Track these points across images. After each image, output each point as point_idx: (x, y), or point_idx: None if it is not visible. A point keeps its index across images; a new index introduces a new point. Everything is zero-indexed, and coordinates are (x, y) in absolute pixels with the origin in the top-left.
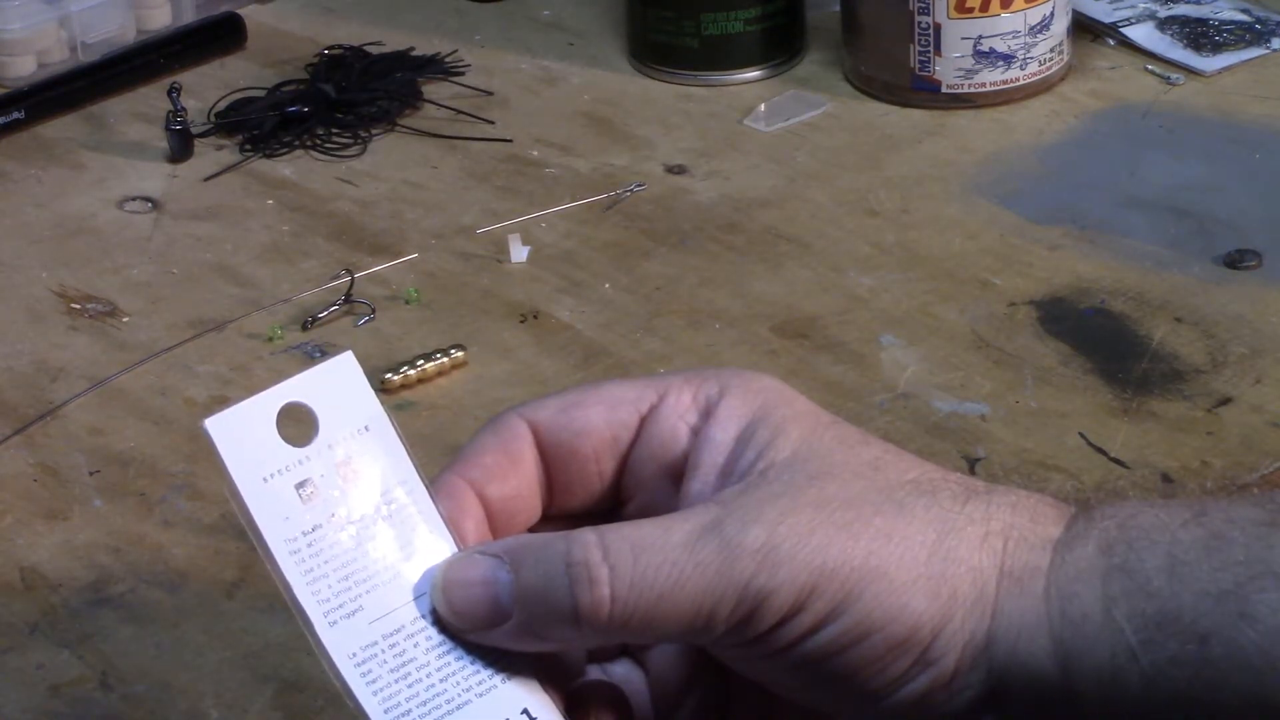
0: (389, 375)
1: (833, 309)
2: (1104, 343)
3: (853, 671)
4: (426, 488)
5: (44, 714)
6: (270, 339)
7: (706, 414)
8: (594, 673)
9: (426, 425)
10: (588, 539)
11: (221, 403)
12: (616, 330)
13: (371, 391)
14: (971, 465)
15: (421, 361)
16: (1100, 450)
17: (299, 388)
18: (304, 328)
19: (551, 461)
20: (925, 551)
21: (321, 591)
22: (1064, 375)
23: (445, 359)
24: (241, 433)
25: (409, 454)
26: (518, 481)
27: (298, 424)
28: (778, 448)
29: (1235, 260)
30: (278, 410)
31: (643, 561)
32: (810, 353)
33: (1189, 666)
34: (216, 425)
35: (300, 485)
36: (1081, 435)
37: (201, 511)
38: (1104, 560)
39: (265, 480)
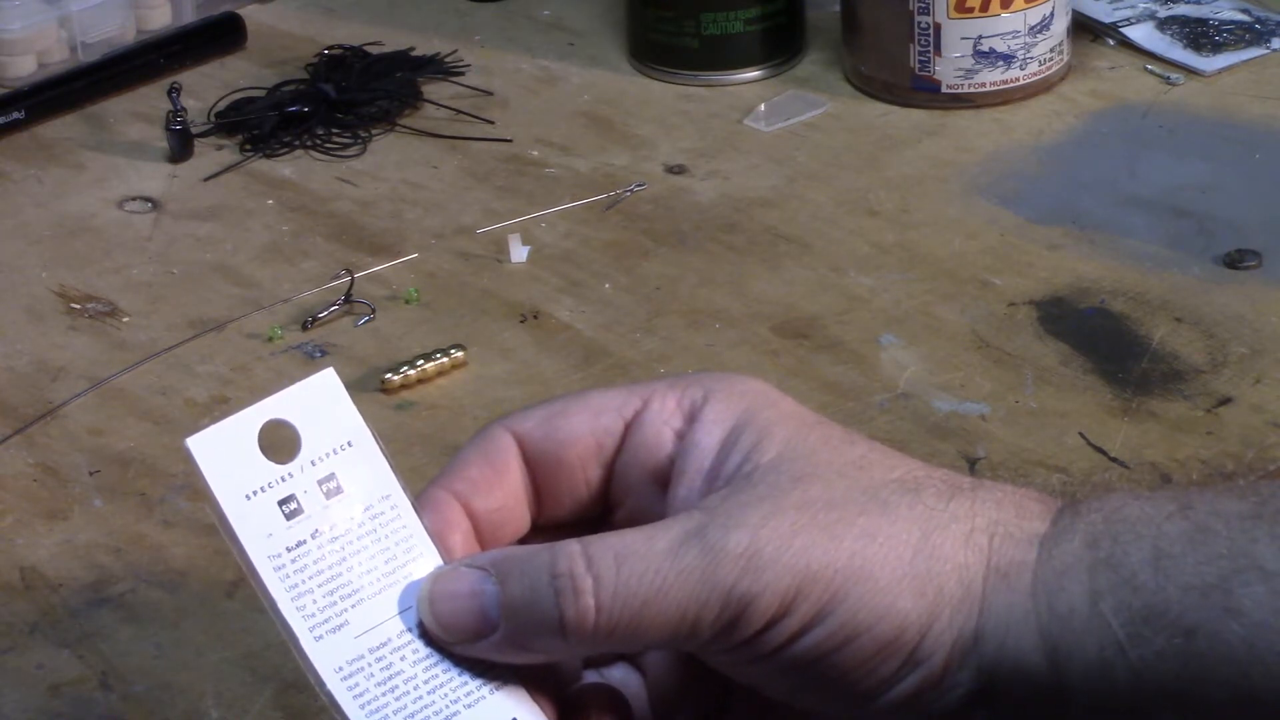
0: (389, 375)
1: (833, 309)
2: (1104, 343)
3: (842, 673)
4: (411, 502)
5: (44, 714)
6: (270, 339)
7: (691, 419)
8: (591, 678)
9: (426, 425)
10: (572, 549)
11: (222, 403)
12: (616, 330)
13: (354, 407)
14: (971, 465)
15: (421, 361)
16: (1100, 450)
17: (280, 405)
18: (304, 328)
19: (538, 472)
20: (910, 550)
21: (306, 606)
22: (1064, 375)
23: (445, 359)
24: (223, 450)
25: (392, 468)
26: (504, 493)
27: (280, 440)
28: (762, 450)
29: (1235, 260)
30: (259, 427)
31: (626, 570)
32: (810, 353)
33: (1176, 660)
34: (198, 444)
35: (283, 502)
36: (1081, 435)
37: (201, 511)
38: (1090, 554)
39: (248, 498)
